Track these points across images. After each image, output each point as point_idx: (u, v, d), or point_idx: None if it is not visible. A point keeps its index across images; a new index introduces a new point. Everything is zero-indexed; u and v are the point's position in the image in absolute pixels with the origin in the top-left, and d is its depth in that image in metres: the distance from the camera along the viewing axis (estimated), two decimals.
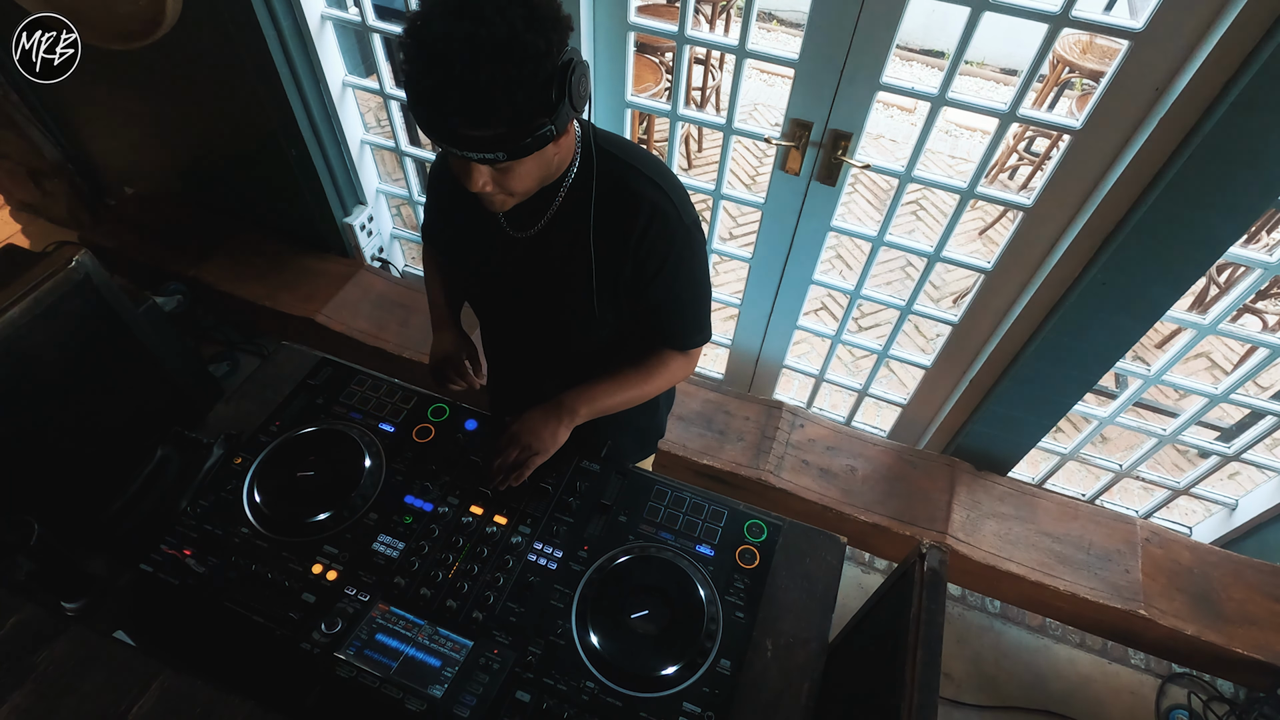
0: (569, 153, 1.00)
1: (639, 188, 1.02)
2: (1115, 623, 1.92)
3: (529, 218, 1.07)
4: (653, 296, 1.10)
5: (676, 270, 1.07)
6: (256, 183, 2.43)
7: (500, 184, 0.92)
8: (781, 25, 5.17)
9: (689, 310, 1.15)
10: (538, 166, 0.92)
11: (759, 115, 4.27)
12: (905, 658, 0.95)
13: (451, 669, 1.02)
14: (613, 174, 1.03)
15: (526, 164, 0.90)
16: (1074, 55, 3.21)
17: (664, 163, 1.10)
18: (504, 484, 1.17)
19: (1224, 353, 3.19)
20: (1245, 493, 2.15)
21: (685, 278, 1.10)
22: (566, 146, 0.97)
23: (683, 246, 1.06)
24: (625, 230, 1.03)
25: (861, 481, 2.09)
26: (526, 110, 0.81)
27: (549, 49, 0.79)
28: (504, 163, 0.87)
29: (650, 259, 1.05)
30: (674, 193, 1.05)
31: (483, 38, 0.75)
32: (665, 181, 1.05)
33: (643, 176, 1.03)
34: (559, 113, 0.83)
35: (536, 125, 0.83)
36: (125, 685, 0.88)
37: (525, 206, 1.06)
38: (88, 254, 1.27)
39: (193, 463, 1.25)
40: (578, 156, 1.03)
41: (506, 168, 0.89)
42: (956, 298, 3.27)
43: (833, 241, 2.74)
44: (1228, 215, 1.35)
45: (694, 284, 1.13)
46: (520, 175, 0.91)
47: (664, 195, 1.03)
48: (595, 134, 1.05)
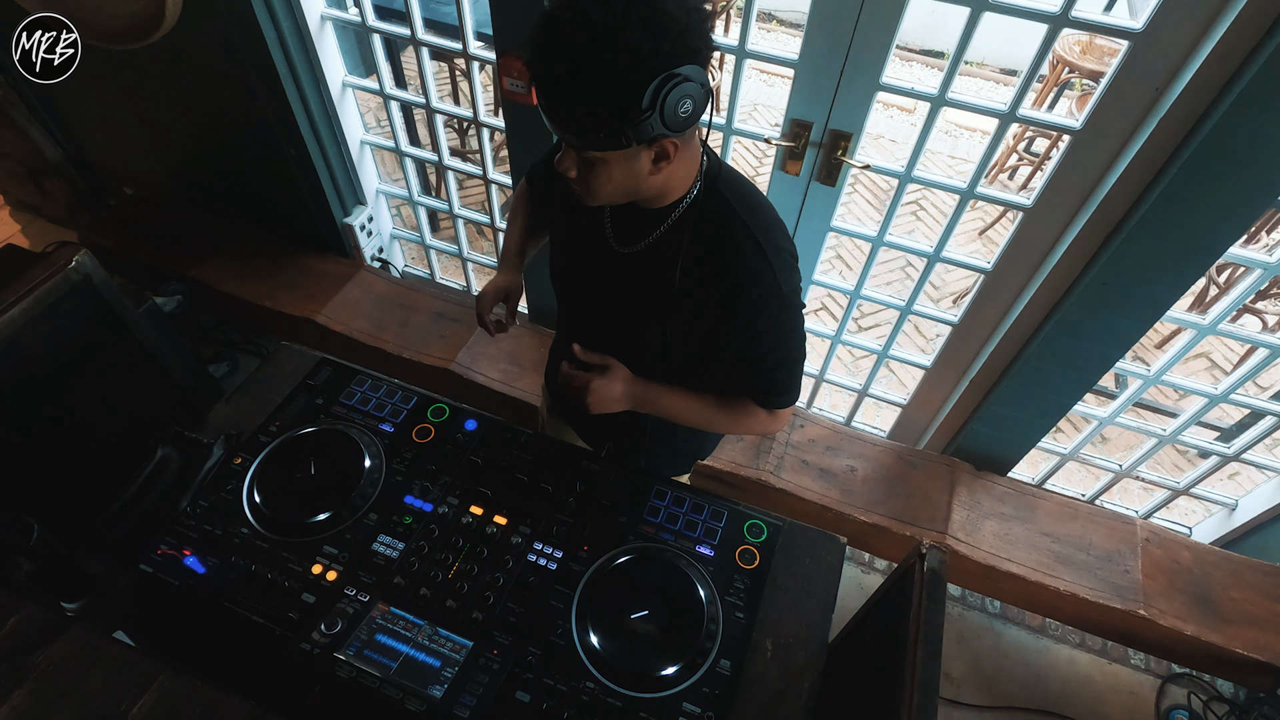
0: (679, 180, 0.98)
1: (743, 244, 0.99)
2: (1115, 623, 1.92)
3: (635, 236, 1.06)
4: (736, 353, 1.08)
5: (765, 335, 1.05)
6: (256, 183, 2.43)
7: (583, 176, 0.92)
8: (781, 25, 5.17)
9: (774, 373, 1.12)
10: (623, 175, 0.90)
11: (759, 115, 4.27)
12: (905, 658, 0.95)
13: (451, 669, 1.02)
14: (721, 220, 1.00)
15: (610, 167, 0.89)
16: (1074, 55, 3.21)
17: (778, 219, 1.06)
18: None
19: (1224, 353, 3.19)
20: (1245, 493, 2.15)
21: (773, 343, 1.07)
22: (675, 172, 0.95)
23: (775, 314, 1.03)
24: (718, 284, 1.01)
25: (861, 482, 2.09)
26: (607, 103, 0.80)
27: (653, 54, 0.77)
28: (586, 152, 0.87)
29: (738, 320, 1.02)
30: (779, 257, 1.01)
31: (594, 20, 0.76)
32: (773, 244, 1.01)
33: (750, 234, 0.99)
34: (643, 121, 0.81)
35: (612, 123, 0.82)
36: (125, 685, 0.88)
37: (634, 225, 1.05)
38: (88, 254, 1.27)
39: (193, 463, 1.25)
40: (697, 189, 1.01)
41: (590, 160, 0.88)
42: (956, 298, 3.27)
43: (833, 241, 2.74)
44: (1228, 215, 1.35)
45: (782, 349, 1.09)
46: (600, 175, 0.90)
47: (765, 260, 0.99)
48: (720, 173, 1.02)
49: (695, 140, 0.96)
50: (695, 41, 0.80)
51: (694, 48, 0.80)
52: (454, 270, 2.94)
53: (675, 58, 0.79)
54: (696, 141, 0.97)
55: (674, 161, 0.91)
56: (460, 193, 2.43)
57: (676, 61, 0.79)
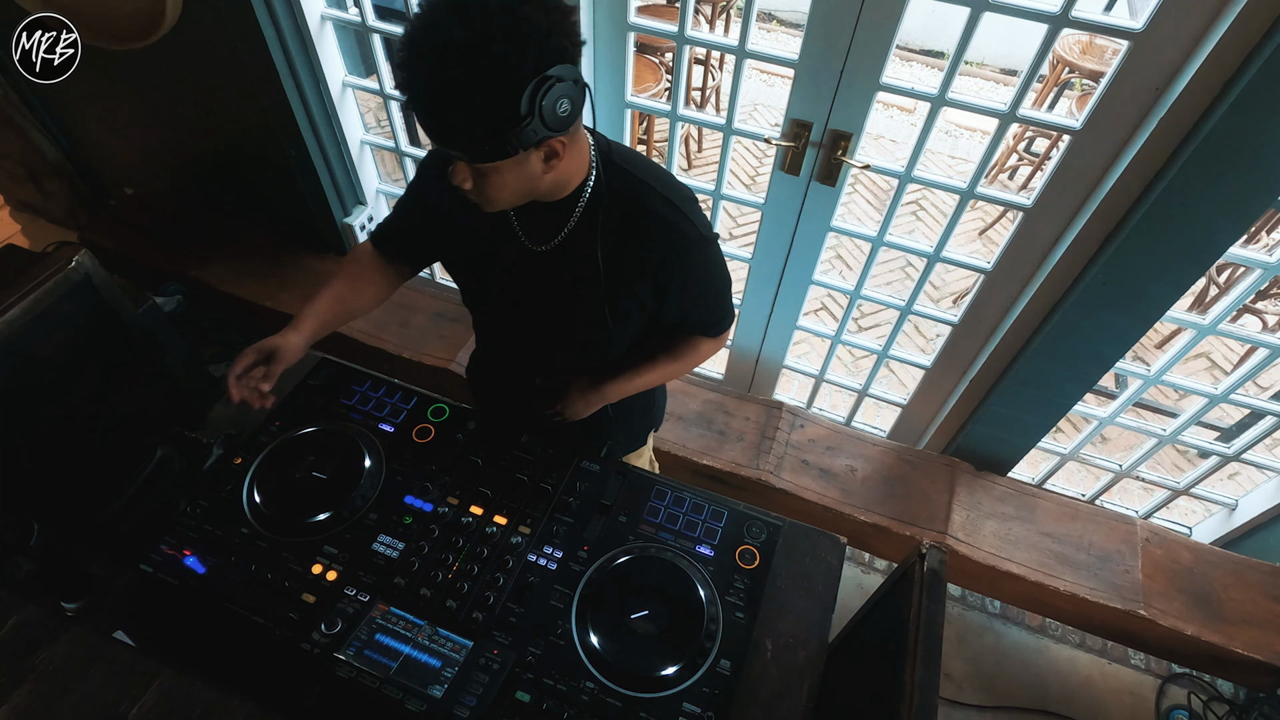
0: (574, 169, 1.00)
1: (656, 207, 1.04)
2: (1115, 623, 1.92)
3: (548, 232, 1.08)
4: (678, 307, 1.13)
5: (700, 281, 1.12)
6: (256, 183, 2.43)
7: (478, 186, 0.92)
8: (781, 25, 5.17)
9: (715, 307, 1.20)
10: (516, 180, 0.92)
11: (759, 115, 4.27)
12: (905, 658, 0.95)
13: (451, 669, 1.02)
14: (628, 192, 1.04)
15: (502, 175, 0.90)
16: (1074, 55, 3.21)
17: (671, 174, 1.11)
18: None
19: (1224, 353, 3.19)
20: (1245, 493, 2.15)
21: (710, 282, 1.14)
22: (569, 165, 0.97)
23: (702, 259, 1.09)
24: (643, 251, 1.05)
25: (861, 482, 2.09)
26: (486, 117, 0.82)
27: (521, 62, 0.79)
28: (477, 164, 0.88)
29: (673, 279, 1.08)
30: (688, 206, 1.06)
31: (457, 39, 0.77)
32: (679, 195, 1.06)
33: (658, 195, 1.04)
34: (525, 127, 0.83)
35: (496, 134, 0.83)
36: (125, 685, 0.88)
37: (544, 220, 1.06)
38: (88, 254, 1.27)
39: (193, 463, 1.25)
40: (594, 173, 1.03)
41: (482, 171, 0.89)
42: (956, 298, 3.27)
43: (833, 241, 2.74)
44: (1228, 215, 1.35)
45: (718, 283, 1.17)
46: (495, 184, 0.92)
47: (680, 213, 1.04)
48: (613, 149, 1.05)
49: (583, 130, 0.98)
50: (561, 42, 0.82)
51: (560, 48, 0.82)
52: None
53: (544, 61, 0.81)
54: (584, 131, 0.99)
55: (565, 157, 0.93)
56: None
57: (546, 64, 0.81)
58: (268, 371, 1.12)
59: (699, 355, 1.29)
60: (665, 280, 1.08)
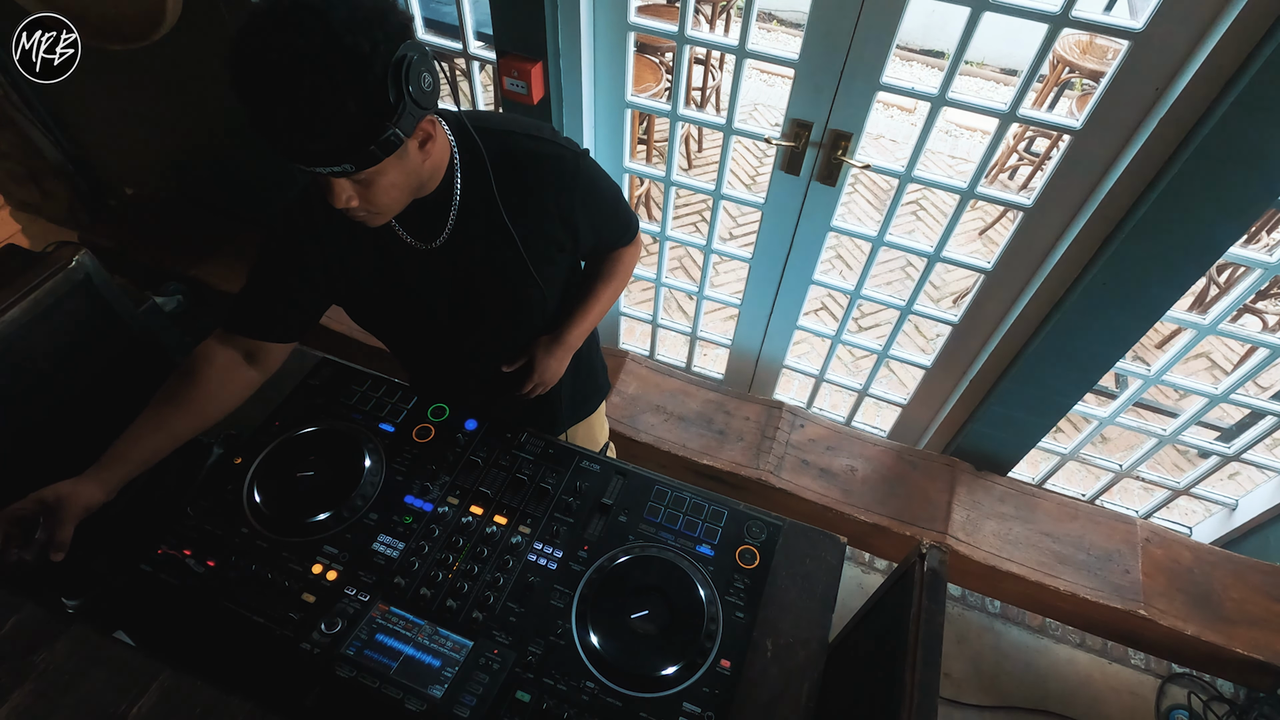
0: (443, 151, 0.97)
1: (531, 148, 1.04)
2: (1115, 623, 1.92)
3: (433, 226, 1.04)
4: (591, 229, 1.14)
5: (595, 195, 1.11)
6: (256, 183, 2.43)
7: (365, 199, 0.88)
8: (781, 25, 5.17)
9: (618, 214, 1.20)
10: (403, 175, 0.88)
11: (759, 115, 4.27)
12: (905, 658, 0.95)
13: (451, 669, 1.02)
14: (501, 148, 1.02)
15: (388, 175, 0.86)
16: (1074, 55, 3.21)
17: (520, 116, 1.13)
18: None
19: (1224, 353, 3.19)
20: (1245, 493, 2.15)
21: (603, 192, 1.14)
22: (438, 149, 0.94)
23: (588, 175, 1.08)
24: (541, 195, 1.05)
25: (861, 481, 2.09)
26: (361, 116, 0.77)
27: (374, 49, 0.75)
28: (357, 174, 0.83)
29: (574, 207, 1.08)
30: (548, 132, 1.07)
31: (300, 46, 0.72)
32: (538, 128, 1.06)
33: (524, 137, 1.04)
34: (401, 114, 0.79)
35: (378, 130, 0.79)
36: (125, 685, 0.88)
37: (426, 216, 1.03)
38: (88, 254, 1.27)
39: (193, 463, 1.25)
40: (456, 149, 1.01)
41: (365, 180, 0.85)
42: (956, 298, 3.27)
43: (833, 241, 2.74)
44: (1228, 215, 1.35)
45: (611, 190, 1.16)
46: (383, 188, 0.87)
47: (549, 143, 1.05)
48: (464, 118, 1.02)
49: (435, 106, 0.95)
50: (398, 18, 0.79)
51: (400, 24, 0.79)
52: None
53: (392, 40, 0.77)
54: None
55: (437, 136, 0.91)
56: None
57: (395, 43, 0.77)
58: (51, 535, 0.92)
59: (626, 266, 1.31)
60: (568, 210, 1.07)
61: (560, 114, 1.77)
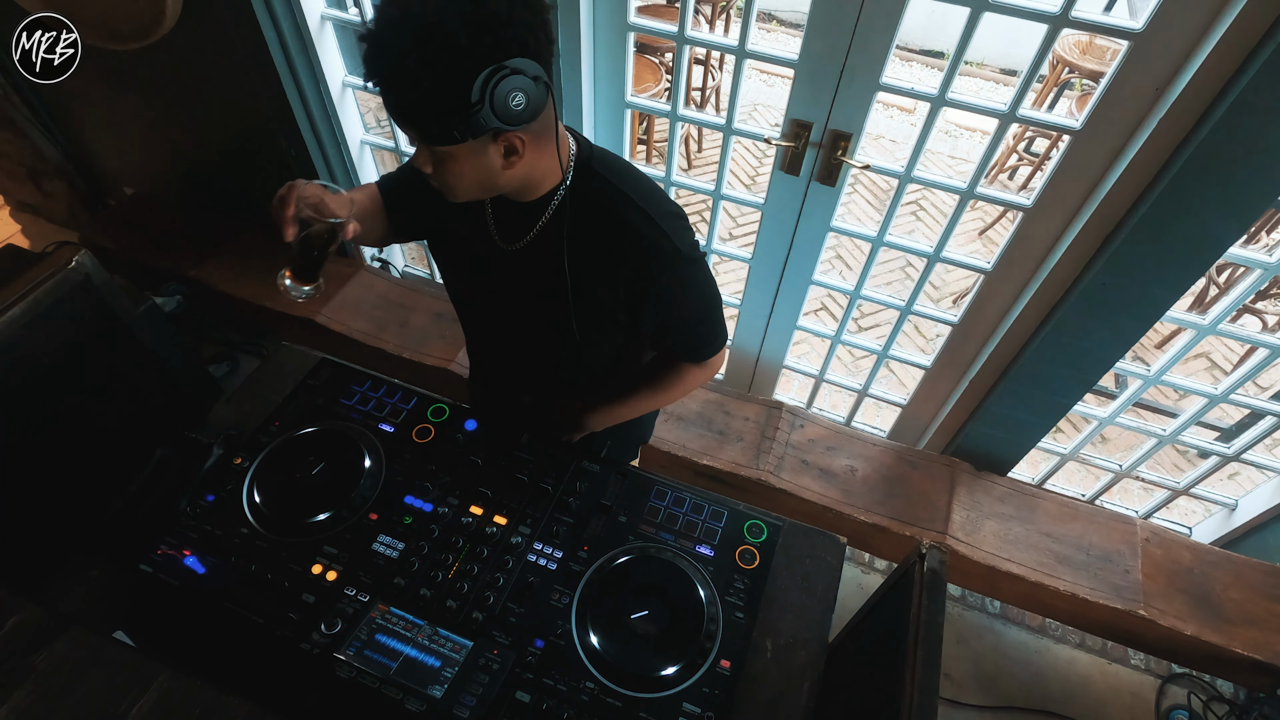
0: (543, 171, 0.97)
1: (630, 219, 1.00)
2: (1115, 623, 1.92)
3: (517, 232, 1.06)
4: (656, 325, 1.10)
5: (678, 299, 1.07)
6: (256, 183, 2.43)
7: (438, 172, 0.92)
8: (781, 25, 5.17)
9: (699, 328, 1.15)
10: (473, 170, 0.90)
11: (759, 115, 4.27)
12: (905, 658, 0.95)
13: (451, 669, 1.02)
14: (604, 201, 1.01)
15: (457, 162, 0.88)
16: (1074, 55, 3.21)
17: (657, 186, 1.07)
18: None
19: (1224, 353, 3.19)
20: (1245, 493, 2.15)
21: (689, 303, 1.09)
22: (536, 164, 0.95)
23: (681, 277, 1.04)
24: (615, 263, 1.02)
25: (861, 482, 2.09)
26: (434, 98, 0.80)
27: (474, 46, 0.77)
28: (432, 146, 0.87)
29: (647, 297, 1.04)
30: (668, 222, 1.01)
31: (414, 15, 0.76)
32: (659, 210, 1.01)
33: (635, 207, 1.00)
34: (474, 115, 0.81)
35: (445, 117, 0.82)
36: (125, 685, 0.88)
37: (514, 220, 1.05)
38: (88, 254, 1.27)
39: (193, 463, 1.25)
40: (570, 176, 1.01)
41: (439, 156, 0.88)
42: (956, 298, 3.27)
43: (833, 241, 2.74)
44: (1228, 215, 1.35)
45: (700, 306, 1.11)
46: (451, 171, 0.90)
47: (658, 228, 1.00)
48: (594, 154, 1.03)
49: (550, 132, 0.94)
50: (522, 34, 0.80)
51: (521, 40, 0.80)
52: None
53: (500, 50, 0.79)
54: (559, 132, 0.95)
55: (526, 156, 0.91)
56: None
57: (502, 54, 0.79)
58: (322, 205, 1.04)
59: (684, 383, 1.24)
60: (638, 297, 1.04)
61: (560, 114, 1.77)
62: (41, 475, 1.29)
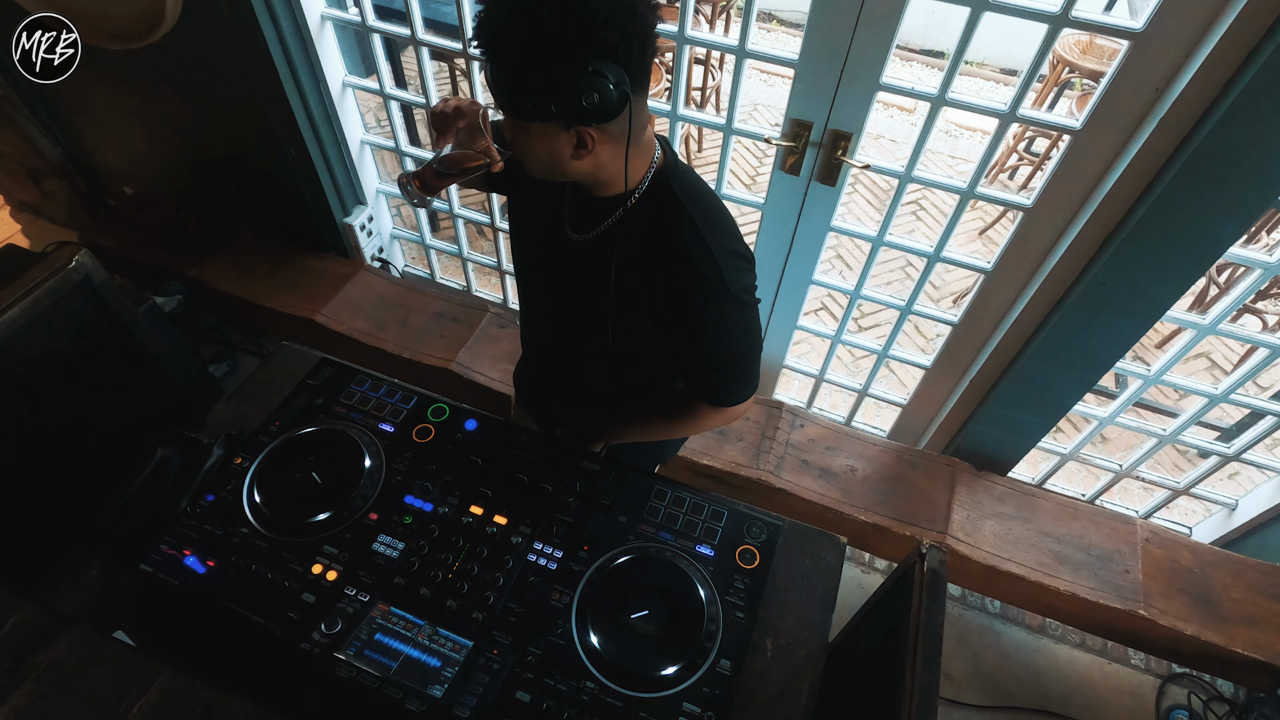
0: (614, 172, 0.97)
1: (688, 246, 0.98)
2: (1115, 623, 1.92)
3: (587, 224, 1.07)
4: (684, 354, 1.08)
5: (711, 335, 1.04)
6: (256, 183, 2.43)
7: (514, 141, 0.94)
8: (781, 25, 5.17)
9: (725, 370, 1.12)
10: (543, 150, 0.92)
11: (759, 115, 4.27)
12: (905, 658, 0.95)
13: (451, 669, 1.02)
14: (669, 220, 1.00)
15: (530, 138, 0.91)
16: (1074, 55, 3.21)
17: (731, 222, 1.05)
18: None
19: (1224, 353, 3.19)
20: (1245, 493, 2.15)
21: (722, 343, 1.06)
22: (606, 164, 0.95)
23: (721, 315, 1.02)
24: (659, 282, 1.01)
25: (861, 481, 2.09)
26: (516, 73, 0.84)
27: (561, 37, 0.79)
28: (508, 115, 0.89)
29: (683, 322, 1.03)
30: (726, 258, 0.99)
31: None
32: (721, 245, 0.99)
33: (697, 235, 0.98)
34: (543, 99, 0.84)
35: (521, 94, 0.85)
36: (125, 685, 0.88)
37: (587, 212, 1.05)
38: (88, 254, 1.27)
39: (193, 463, 1.25)
40: (644, 186, 1.01)
41: (517, 127, 0.90)
42: (956, 298, 3.27)
43: (833, 241, 2.74)
44: (1228, 215, 1.35)
45: (734, 349, 1.09)
46: (524, 144, 0.93)
47: (712, 260, 0.98)
48: (675, 172, 1.02)
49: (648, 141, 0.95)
50: (615, 39, 0.81)
51: (613, 44, 0.81)
52: (454, 270, 2.94)
53: (588, 48, 0.80)
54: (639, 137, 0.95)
55: (595, 152, 0.92)
56: (460, 192, 2.43)
57: (590, 52, 0.80)
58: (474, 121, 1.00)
59: (698, 422, 1.21)
60: (674, 321, 1.03)
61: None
62: (42, 475, 1.29)
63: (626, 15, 0.81)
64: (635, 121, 0.90)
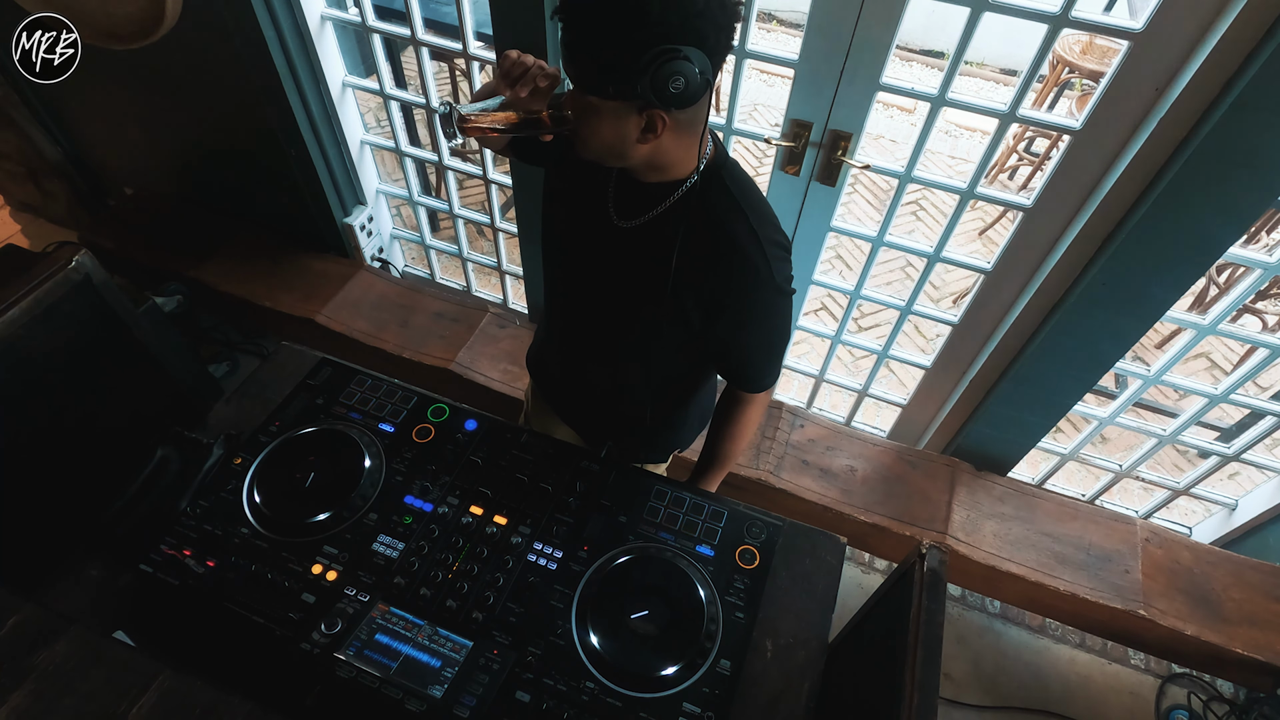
0: (673, 159, 0.99)
1: (739, 235, 1.01)
2: (1115, 623, 1.92)
3: (634, 210, 1.07)
4: (723, 340, 1.12)
5: (755, 322, 1.09)
6: (256, 183, 2.43)
7: (577, 119, 0.93)
8: (781, 25, 5.17)
9: (760, 355, 1.17)
10: (610, 131, 0.92)
11: (759, 115, 4.27)
12: (905, 658, 0.95)
13: (451, 669, 1.02)
14: (720, 208, 1.02)
15: (599, 118, 0.90)
16: (1074, 55, 3.21)
17: (774, 214, 1.08)
18: None
19: (1224, 353, 3.19)
20: (1245, 493, 2.15)
21: (762, 330, 1.12)
22: (667, 150, 0.96)
23: (764, 303, 1.07)
24: (712, 270, 1.03)
25: (861, 481, 2.09)
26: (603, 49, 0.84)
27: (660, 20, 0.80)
28: (581, 93, 0.89)
29: (728, 308, 1.06)
30: (772, 250, 1.03)
31: None
32: (768, 237, 1.03)
33: (747, 225, 1.01)
34: (631, 80, 0.83)
35: (605, 70, 0.85)
36: (125, 685, 0.88)
37: (634, 198, 1.06)
38: (88, 254, 1.27)
39: (193, 463, 1.25)
40: (697, 175, 1.02)
41: (584, 104, 0.90)
42: (956, 298, 3.27)
43: (833, 241, 2.73)
44: (1227, 215, 1.35)
45: (771, 336, 1.14)
46: (590, 124, 0.92)
47: (761, 251, 1.01)
48: (725, 164, 1.04)
49: (693, 126, 0.96)
50: (706, 28, 0.82)
51: (704, 33, 0.82)
52: (454, 270, 2.94)
53: (681, 33, 0.81)
54: (700, 128, 0.97)
55: (662, 138, 0.92)
56: (460, 193, 2.43)
57: (682, 38, 0.82)
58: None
59: (746, 415, 1.28)
60: (719, 307, 1.06)
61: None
62: (42, 475, 1.29)
63: (719, 7, 0.83)
64: (705, 111, 0.92)
